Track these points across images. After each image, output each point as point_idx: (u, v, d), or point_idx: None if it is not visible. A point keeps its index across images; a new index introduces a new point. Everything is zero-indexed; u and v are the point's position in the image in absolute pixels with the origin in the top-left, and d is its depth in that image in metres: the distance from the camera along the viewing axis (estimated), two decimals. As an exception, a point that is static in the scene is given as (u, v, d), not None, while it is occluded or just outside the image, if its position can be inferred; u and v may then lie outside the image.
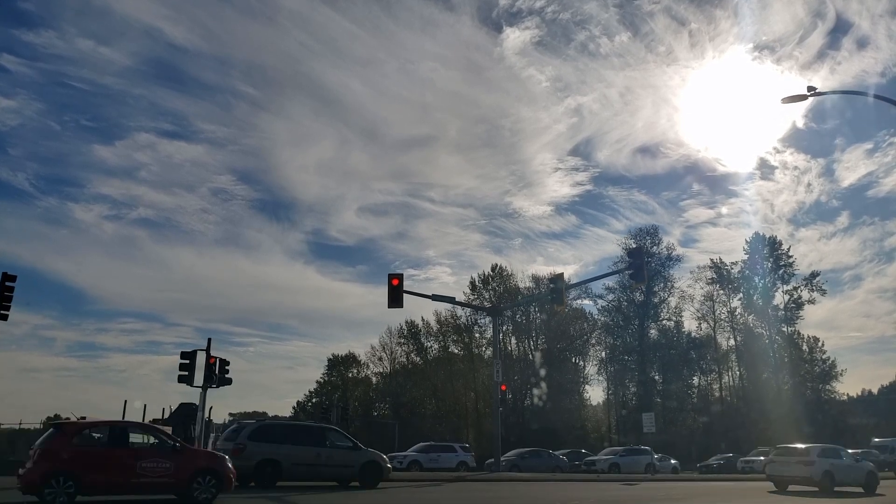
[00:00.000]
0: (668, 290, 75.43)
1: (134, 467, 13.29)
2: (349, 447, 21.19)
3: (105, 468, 13.15)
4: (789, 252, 74.00)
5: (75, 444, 13.12)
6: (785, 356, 72.42)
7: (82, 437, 13.45)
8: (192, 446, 15.18)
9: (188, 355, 24.10)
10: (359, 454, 21.05)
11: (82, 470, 12.75)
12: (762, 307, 73.50)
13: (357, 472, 20.55)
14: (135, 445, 13.92)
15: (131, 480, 13.31)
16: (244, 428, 19.78)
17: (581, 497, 18.29)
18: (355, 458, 20.81)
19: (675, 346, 74.48)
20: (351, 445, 21.34)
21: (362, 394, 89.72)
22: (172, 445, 14.06)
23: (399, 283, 26.82)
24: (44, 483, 12.35)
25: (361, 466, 20.65)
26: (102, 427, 14.14)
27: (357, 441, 22.29)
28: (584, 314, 79.41)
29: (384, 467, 21.43)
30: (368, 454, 21.36)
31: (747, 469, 43.34)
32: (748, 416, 67.36)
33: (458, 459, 36.37)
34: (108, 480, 13.21)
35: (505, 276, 78.35)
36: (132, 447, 13.79)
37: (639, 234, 75.49)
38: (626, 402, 75.36)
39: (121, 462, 13.29)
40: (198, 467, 13.98)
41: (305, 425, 23.23)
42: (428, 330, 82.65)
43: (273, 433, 19.92)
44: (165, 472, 13.54)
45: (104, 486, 13.24)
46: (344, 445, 21.15)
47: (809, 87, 16.07)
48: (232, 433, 20.10)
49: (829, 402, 70.79)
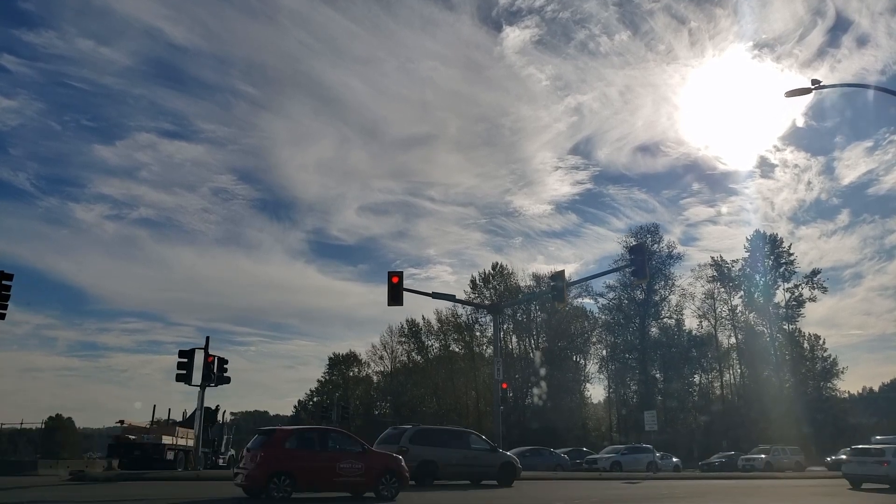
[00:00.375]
0: (669, 289, 75.39)
1: (335, 468, 15.16)
2: (488, 449, 23.08)
3: (313, 468, 14.97)
4: (790, 250, 73.99)
5: (289, 448, 14.99)
6: (786, 354, 72.30)
7: (293, 442, 15.31)
8: (373, 449, 16.83)
9: (186, 354, 23.97)
10: (497, 456, 23.06)
11: (297, 470, 14.63)
12: (763, 305, 73.38)
13: (496, 471, 22.51)
14: (333, 449, 15.65)
15: (333, 479, 15.22)
16: (404, 433, 21.45)
17: (583, 496, 18.17)
18: (494, 459, 22.78)
19: (676, 344, 74.38)
20: (489, 448, 23.24)
21: (363, 393, 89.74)
22: (363, 449, 15.92)
23: (399, 280, 26.65)
24: (268, 481, 14.26)
25: (500, 467, 22.64)
26: (309, 432, 16.59)
27: (494, 444, 24.26)
28: (584, 312, 79.47)
29: (517, 468, 23.41)
30: (505, 456, 23.55)
31: (748, 467, 43.22)
32: (748, 415, 67.28)
33: (459, 458, 36.13)
34: (315, 479, 15.11)
35: (506, 274, 78.37)
36: (332, 450, 15.55)
37: (639, 233, 75.43)
38: (627, 401, 75.29)
39: (325, 463, 15.13)
40: (383, 468, 15.84)
41: (453, 430, 25.15)
42: (429, 329, 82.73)
43: (428, 437, 21.82)
44: (358, 472, 15.40)
45: (312, 483, 15.21)
46: (483, 448, 23.04)
47: (813, 81, 15.95)
48: (392, 437, 21.52)
49: (830, 399, 70.71)
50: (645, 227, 77.43)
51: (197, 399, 24.46)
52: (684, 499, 18.13)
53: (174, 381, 24.30)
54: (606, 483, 26.38)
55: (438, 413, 78.68)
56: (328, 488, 15.40)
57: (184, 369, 23.83)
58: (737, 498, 19.64)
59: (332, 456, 15.32)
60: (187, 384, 23.97)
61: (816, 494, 21.90)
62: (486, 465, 22.44)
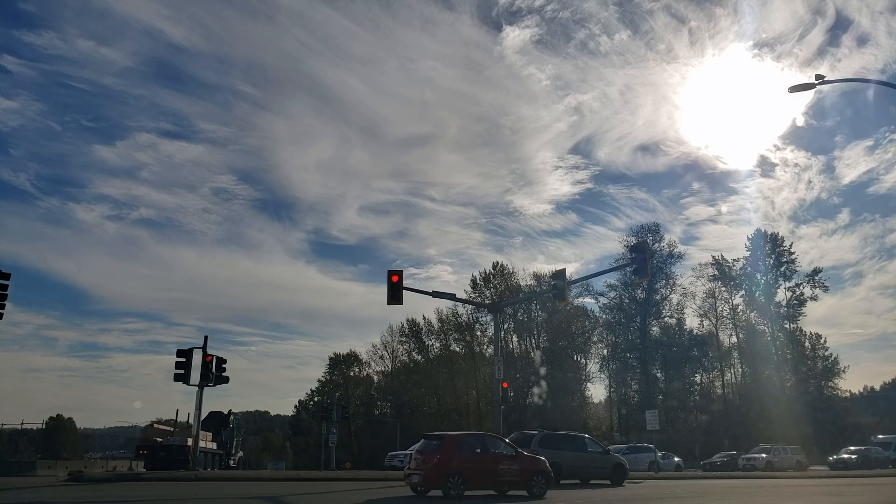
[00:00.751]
0: (670, 288, 75.22)
1: (497, 469, 16.94)
2: (601, 452, 25.56)
3: (479, 469, 16.70)
4: (791, 249, 73.82)
5: (459, 452, 16.76)
6: (787, 353, 72.13)
7: (461, 446, 17.13)
8: (524, 452, 18.26)
9: (184, 353, 23.77)
10: (609, 458, 25.43)
11: (466, 471, 16.33)
12: (764, 304, 73.21)
13: (609, 471, 24.61)
14: (493, 452, 17.33)
15: (495, 479, 17.04)
16: (532, 437, 23.36)
17: (585, 496, 18.02)
18: (608, 461, 25.11)
19: (677, 343, 74.20)
20: (602, 451, 25.69)
21: (364, 392, 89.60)
22: (515, 452, 17.57)
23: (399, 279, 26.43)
24: (445, 480, 15.97)
25: (612, 467, 24.81)
26: (473, 438, 18.32)
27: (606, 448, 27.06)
28: (585, 312, 79.31)
29: (627, 468, 25.76)
30: (616, 458, 25.99)
31: (749, 467, 43.02)
32: (749, 414, 67.15)
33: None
34: (481, 478, 16.82)
35: (506, 273, 78.25)
36: (492, 453, 17.25)
37: (640, 232, 75.24)
38: (628, 400, 75.11)
39: (488, 465, 16.88)
40: (533, 469, 17.48)
41: (572, 435, 27.19)
42: (429, 328, 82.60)
43: (552, 441, 23.71)
44: (514, 472, 17.16)
45: (478, 482, 16.86)
46: (597, 451, 25.37)
47: (817, 76, 15.80)
48: (521, 441, 22.44)
49: (831, 399, 70.54)
50: (646, 226, 77.37)
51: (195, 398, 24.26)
52: (686, 498, 17.96)
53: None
54: (608, 483, 26.16)
55: (439, 413, 78.53)
56: (490, 487, 17.24)
57: (182, 369, 23.64)
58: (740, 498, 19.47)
59: (493, 458, 17.09)
60: (186, 384, 23.79)
61: (819, 494, 21.73)
62: (601, 466, 24.64)
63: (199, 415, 24.12)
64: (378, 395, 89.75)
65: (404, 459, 34.64)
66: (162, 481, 21.70)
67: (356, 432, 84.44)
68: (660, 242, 74.32)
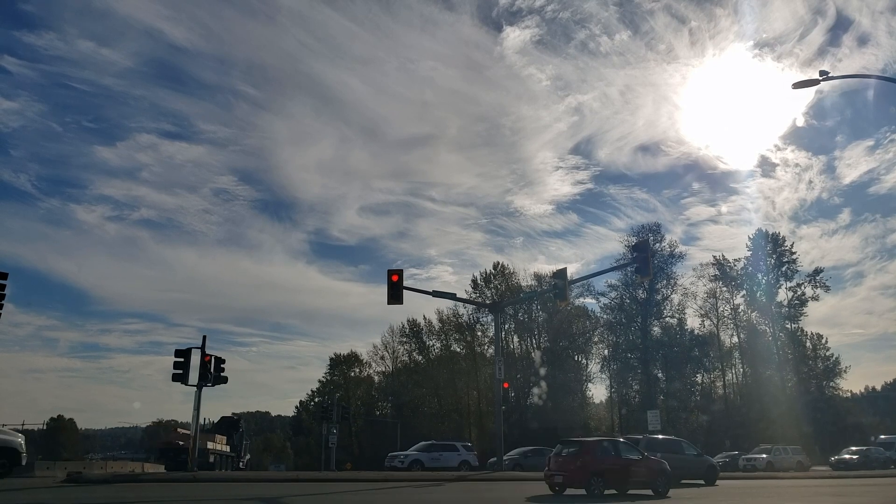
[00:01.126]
0: (671, 288, 74.96)
1: (628, 470, 18.88)
2: (696, 455, 27.70)
3: (615, 470, 18.62)
4: (792, 248, 73.62)
5: (597, 455, 18.57)
6: (788, 353, 71.94)
7: (599, 450, 18.91)
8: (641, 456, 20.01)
9: (182, 353, 23.60)
10: (703, 459, 27.73)
11: (605, 472, 18.31)
12: (765, 304, 73.04)
13: (703, 472, 26.73)
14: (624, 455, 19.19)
15: (628, 479, 18.95)
16: (639, 442, 24.69)
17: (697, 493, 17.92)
18: (702, 462, 27.32)
19: (678, 343, 73.98)
20: (696, 454, 27.84)
21: (364, 393, 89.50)
22: (642, 455, 19.65)
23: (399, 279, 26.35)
24: (588, 481, 17.92)
25: (706, 468, 26.99)
26: (607, 443, 19.87)
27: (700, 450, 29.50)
28: (586, 312, 79.09)
29: (718, 469, 28.34)
30: (709, 460, 28.46)
31: (749, 467, 42.83)
32: (750, 415, 67.00)
33: (461, 458, 35.93)
34: (617, 479, 18.74)
35: (507, 274, 78.10)
36: (623, 456, 19.14)
37: (641, 232, 74.89)
38: (629, 401, 74.91)
39: (621, 467, 18.79)
40: (658, 470, 19.53)
41: (670, 439, 29.24)
42: (430, 329, 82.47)
43: (655, 445, 25.70)
44: (642, 474, 19.19)
45: (614, 482, 18.75)
46: (693, 454, 27.49)
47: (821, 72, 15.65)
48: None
49: (832, 399, 70.38)
50: (647, 226, 77.07)
51: (194, 399, 24.10)
52: (689, 499, 17.82)
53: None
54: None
55: (439, 413, 78.41)
56: (624, 487, 19.01)
57: (180, 369, 23.49)
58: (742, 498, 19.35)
59: (624, 461, 19.01)
60: (184, 384, 23.64)
61: (821, 494, 21.58)
62: (697, 467, 26.66)
63: (198, 415, 23.96)
64: (379, 395, 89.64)
65: (404, 460, 34.59)
66: (159, 482, 21.56)
67: (357, 433, 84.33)
68: (661, 242, 74.11)
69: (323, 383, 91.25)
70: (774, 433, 56.63)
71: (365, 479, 25.38)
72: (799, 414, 62.85)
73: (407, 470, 32.54)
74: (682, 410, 72.49)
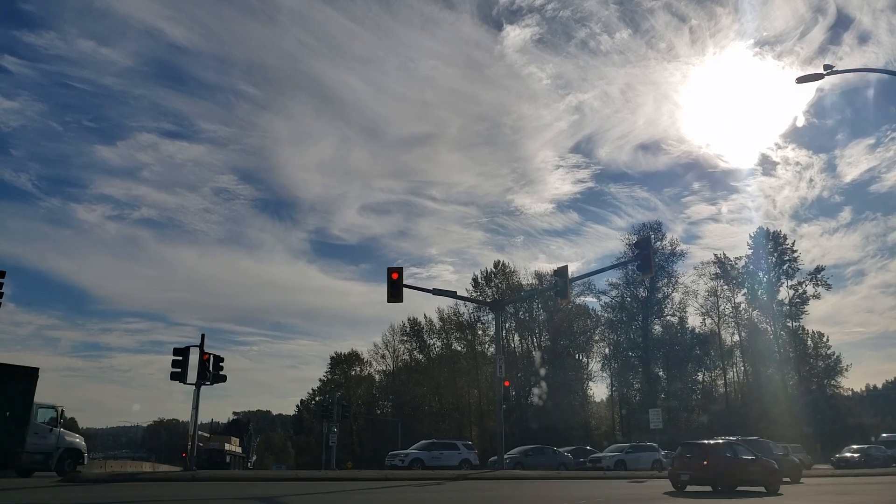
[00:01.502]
0: (672, 286, 74.88)
1: (745, 470, 20.72)
2: (783, 455, 28.57)
3: (734, 470, 20.42)
4: (793, 247, 73.44)
5: (719, 456, 20.54)
6: (789, 352, 71.81)
7: (719, 451, 20.87)
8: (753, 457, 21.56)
9: (181, 352, 23.43)
10: (789, 459, 28.82)
11: (727, 471, 20.22)
12: (766, 302, 72.89)
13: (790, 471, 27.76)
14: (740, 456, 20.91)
15: (744, 478, 20.63)
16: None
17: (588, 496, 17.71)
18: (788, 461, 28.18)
19: (679, 342, 73.87)
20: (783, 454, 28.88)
21: (365, 392, 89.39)
22: (755, 456, 21.38)
23: (399, 277, 26.20)
24: (713, 479, 20.00)
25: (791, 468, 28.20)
26: (725, 444, 21.77)
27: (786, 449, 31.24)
28: (587, 311, 78.98)
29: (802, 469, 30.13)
30: (792, 459, 29.50)
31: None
32: (751, 413, 66.80)
33: (461, 457, 35.82)
34: (736, 477, 20.42)
35: (508, 272, 77.93)
36: (741, 458, 20.92)
37: (642, 230, 74.74)
38: (630, 399, 74.78)
39: (739, 466, 20.64)
40: (769, 469, 21.41)
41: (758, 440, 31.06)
42: (430, 328, 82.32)
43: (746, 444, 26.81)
44: (757, 473, 20.92)
45: (733, 481, 20.38)
46: (780, 454, 28.53)
47: (826, 66, 15.49)
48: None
49: (833, 397, 70.26)
50: (647, 224, 77.07)
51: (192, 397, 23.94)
52: (693, 498, 17.69)
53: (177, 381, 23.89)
54: (611, 482, 25.93)
55: (440, 412, 78.29)
56: (741, 484, 20.57)
57: (178, 368, 23.33)
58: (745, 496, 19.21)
59: (743, 461, 20.82)
60: (182, 383, 23.47)
61: (824, 493, 21.46)
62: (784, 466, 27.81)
63: (196, 414, 23.82)
64: (379, 394, 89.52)
65: (405, 459, 34.48)
66: (158, 481, 21.44)
67: (358, 432, 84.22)
68: (661, 241, 74.06)
69: (324, 382, 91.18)
70: (775, 432, 56.37)
71: (365, 478, 25.24)
72: (800, 412, 62.69)
73: (408, 469, 32.42)
74: (683, 409, 72.39)
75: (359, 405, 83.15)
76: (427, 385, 79.48)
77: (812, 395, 67.77)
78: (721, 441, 23.17)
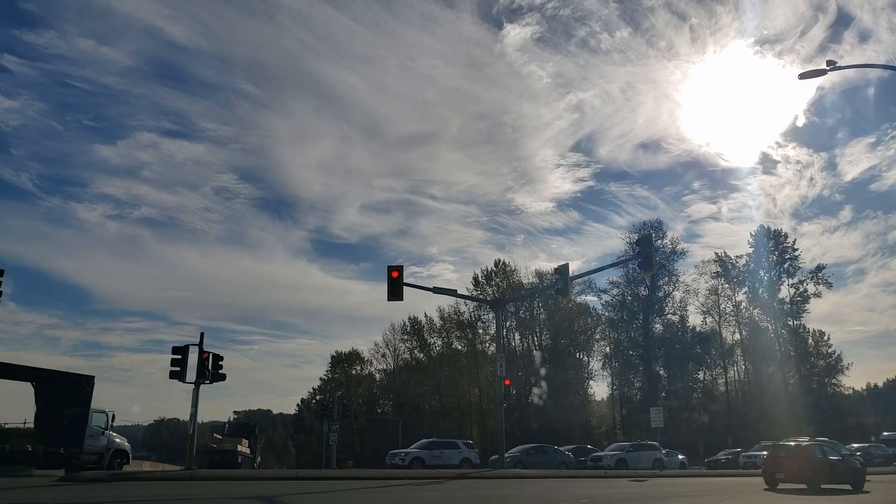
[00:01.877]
0: (673, 285, 74.86)
1: (834, 469, 22.28)
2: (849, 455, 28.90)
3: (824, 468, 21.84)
4: (794, 245, 73.32)
5: (812, 456, 21.96)
6: (790, 350, 71.73)
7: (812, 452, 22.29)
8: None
9: (180, 351, 23.33)
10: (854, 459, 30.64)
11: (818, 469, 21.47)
12: (767, 301, 72.80)
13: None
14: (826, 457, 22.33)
15: (833, 476, 22.05)
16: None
17: (590, 495, 17.62)
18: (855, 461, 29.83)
19: (680, 340, 73.78)
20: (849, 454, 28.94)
21: (366, 391, 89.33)
22: (842, 457, 22.98)
23: (399, 275, 26.11)
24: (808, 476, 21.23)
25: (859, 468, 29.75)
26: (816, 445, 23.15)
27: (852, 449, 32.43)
28: (587, 309, 78.95)
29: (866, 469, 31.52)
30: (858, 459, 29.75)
31: (749, 465, 42.59)
32: (751, 412, 66.75)
33: (462, 456, 35.77)
34: (826, 476, 21.70)
35: (508, 271, 77.82)
36: (830, 457, 22.43)
37: (642, 229, 74.65)
38: (631, 398, 74.70)
39: (829, 465, 22.16)
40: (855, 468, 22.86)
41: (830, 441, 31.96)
42: (431, 326, 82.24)
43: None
44: (844, 471, 22.58)
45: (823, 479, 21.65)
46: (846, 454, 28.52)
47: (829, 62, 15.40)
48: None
49: (834, 396, 70.16)
50: (648, 223, 77.10)
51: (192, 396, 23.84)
52: (694, 497, 17.58)
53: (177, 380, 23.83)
54: (612, 481, 25.84)
55: (441, 411, 78.22)
56: (831, 482, 21.91)
57: (177, 366, 23.23)
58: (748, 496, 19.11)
59: (832, 461, 22.33)
60: (181, 381, 23.38)
61: (826, 493, 21.36)
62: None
63: (196, 412, 23.74)
64: (380, 393, 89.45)
65: (405, 458, 34.40)
66: (157, 480, 21.35)
67: (358, 431, 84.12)
68: (662, 239, 74.03)
69: (324, 381, 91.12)
70: (776, 430, 56.32)
71: (366, 478, 25.14)
72: (801, 411, 62.57)
73: (408, 468, 32.34)
74: (684, 408, 72.30)
75: (359, 404, 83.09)
76: (427, 384, 79.40)
77: (813, 393, 67.64)
78: (813, 442, 24.87)
